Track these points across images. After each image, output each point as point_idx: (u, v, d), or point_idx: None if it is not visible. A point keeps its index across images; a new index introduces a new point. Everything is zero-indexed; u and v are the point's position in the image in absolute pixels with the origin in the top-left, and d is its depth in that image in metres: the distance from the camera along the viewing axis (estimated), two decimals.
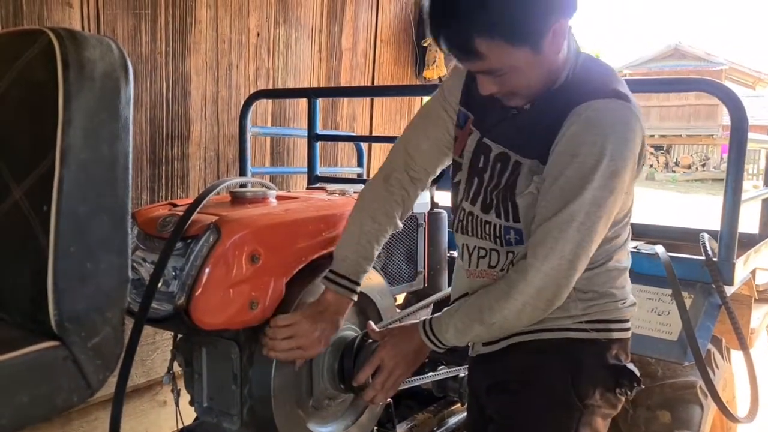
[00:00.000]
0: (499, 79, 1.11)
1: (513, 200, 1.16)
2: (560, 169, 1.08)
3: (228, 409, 1.41)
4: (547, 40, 1.07)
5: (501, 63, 1.08)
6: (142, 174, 2.48)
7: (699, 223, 2.29)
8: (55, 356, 0.98)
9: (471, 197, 1.25)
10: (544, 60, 1.09)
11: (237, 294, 1.28)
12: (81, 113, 0.97)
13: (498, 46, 1.05)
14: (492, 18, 1.03)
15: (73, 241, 0.98)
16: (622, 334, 1.24)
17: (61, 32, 0.98)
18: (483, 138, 1.24)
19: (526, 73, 1.10)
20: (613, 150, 1.05)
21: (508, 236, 1.18)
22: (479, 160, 1.24)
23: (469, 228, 1.26)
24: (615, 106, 1.07)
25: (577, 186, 1.05)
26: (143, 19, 2.40)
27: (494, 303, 1.12)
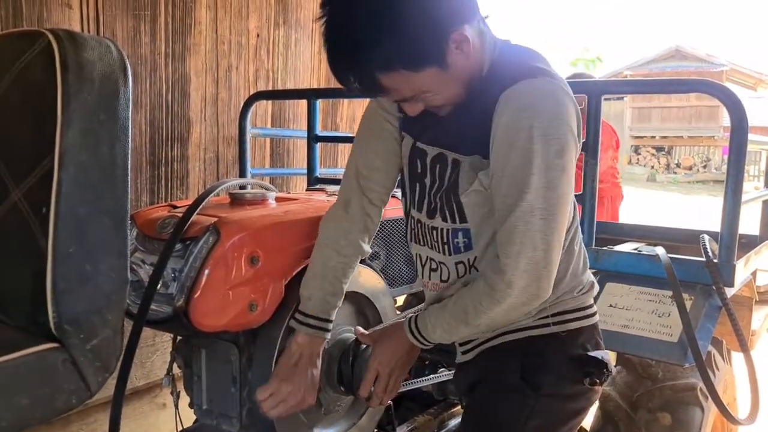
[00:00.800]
0: (418, 100, 1.11)
1: (457, 200, 1.14)
2: (504, 160, 1.05)
3: (227, 411, 1.41)
4: (449, 52, 1.05)
5: (412, 90, 1.07)
6: (141, 175, 2.47)
7: (700, 225, 2.29)
8: (55, 358, 0.98)
9: (416, 204, 1.23)
10: (456, 70, 1.07)
11: (236, 296, 1.28)
12: (80, 114, 0.97)
13: (401, 76, 1.04)
14: (387, 52, 1.01)
15: (72, 242, 0.98)
16: (583, 322, 1.22)
17: (60, 33, 0.99)
18: (416, 143, 1.22)
19: (442, 88, 1.09)
20: (549, 128, 1.03)
21: (456, 240, 1.16)
22: (416, 166, 1.22)
23: (420, 236, 1.24)
24: (539, 84, 1.05)
25: (525, 174, 1.03)
26: (143, 21, 2.40)
27: (478, 304, 1.11)
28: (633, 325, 1.67)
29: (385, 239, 1.65)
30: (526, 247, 1.04)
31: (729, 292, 1.67)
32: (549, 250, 1.05)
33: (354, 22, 1.02)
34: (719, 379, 1.85)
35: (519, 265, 1.05)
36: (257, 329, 1.36)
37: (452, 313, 1.15)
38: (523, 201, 1.03)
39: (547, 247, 1.05)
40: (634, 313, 1.69)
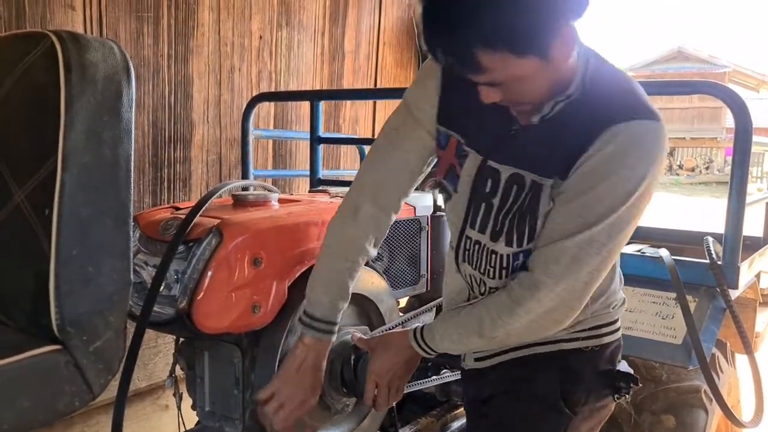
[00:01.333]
0: (503, 89, 1.01)
1: (532, 223, 1.08)
2: (588, 185, 1.00)
3: (230, 413, 1.40)
4: (555, 46, 0.96)
5: (506, 74, 0.98)
6: (144, 177, 2.47)
7: (703, 227, 2.28)
8: (57, 360, 0.98)
9: (478, 225, 1.15)
10: (553, 67, 0.99)
11: (239, 298, 1.28)
12: (83, 116, 0.97)
13: (502, 58, 0.95)
14: (493, 27, 0.92)
15: (74, 244, 0.98)
16: (614, 336, 1.21)
17: (63, 35, 0.99)
18: (486, 161, 1.13)
19: (533, 82, 1.00)
20: (651, 174, 0.99)
21: (517, 263, 1.11)
22: (485, 185, 1.13)
23: (474, 258, 1.18)
24: (654, 127, 1.00)
25: (605, 207, 0.99)
26: (146, 22, 2.40)
27: (497, 317, 1.07)
28: (637, 327, 1.67)
29: (389, 241, 1.65)
30: (570, 273, 1.01)
31: (733, 294, 1.66)
32: (590, 284, 1.03)
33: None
34: (723, 382, 1.84)
35: (556, 288, 1.02)
36: (260, 331, 1.35)
37: (465, 323, 1.12)
38: (588, 230, 0.99)
39: (590, 281, 1.03)
40: (637, 315, 1.69)
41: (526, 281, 1.05)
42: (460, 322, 1.14)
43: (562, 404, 1.16)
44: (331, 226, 1.30)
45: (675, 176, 23.60)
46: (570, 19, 0.97)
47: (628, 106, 1.02)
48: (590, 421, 1.21)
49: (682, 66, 23.48)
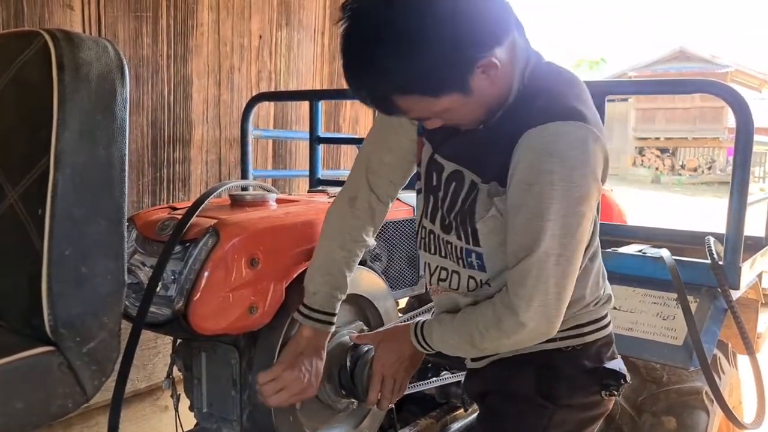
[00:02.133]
0: (437, 119, 1.05)
1: (473, 225, 1.10)
2: (521, 199, 1.01)
3: (227, 414, 1.40)
4: (474, 78, 0.98)
5: (429, 112, 1.02)
6: (143, 177, 2.47)
7: (705, 227, 2.27)
8: (50, 362, 0.97)
9: (429, 215, 1.19)
10: (480, 95, 1.00)
11: (236, 298, 1.27)
12: (76, 115, 0.97)
13: (419, 100, 0.99)
14: (405, 75, 0.95)
15: (68, 244, 0.97)
16: (599, 334, 1.21)
17: (56, 33, 0.98)
18: (434, 154, 1.17)
19: (463, 111, 1.03)
20: (573, 175, 0.98)
21: (470, 259, 1.13)
22: (432, 178, 1.18)
23: (431, 246, 1.21)
24: (569, 128, 0.99)
25: (542, 217, 0.99)
26: (145, 22, 2.39)
27: (485, 332, 1.09)
28: (637, 328, 1.66)
29: (387, 241, 1.64)
30: (538, 292, 1.01)
31: (734, 294, 1.65)
32: (561, 294, 1.03)
33: (374, 38, 0.95)
34: (725, 383, 1.83)
35: (530, 307, 1.02)
36: (257, 332, 1.35)
37: (459, 332, 1.14)
38: (539, 247, 1.00)
39: (560, 291, 1.03)
40: (638, 315, 1.68)
41: (506, 300, 1.06)
42: (455, 329, 1.15)
43: (539, 398, 1.17)
44: (328, 215, 1.33)
45: (677, 176, 23.57)
46: (487, 51, 0.97)
47: (546, 108, 1.01)
48: (580, 415, 1.21)
49: (684, 66, 23.46)
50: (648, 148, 24.99)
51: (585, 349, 1.19)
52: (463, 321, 1.13)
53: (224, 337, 1.36)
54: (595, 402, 1.20)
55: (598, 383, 1.18)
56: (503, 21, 1.00)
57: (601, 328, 1.21)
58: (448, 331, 1.16)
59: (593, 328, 1.20)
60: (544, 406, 1.17)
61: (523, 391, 1.19)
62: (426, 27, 0.92)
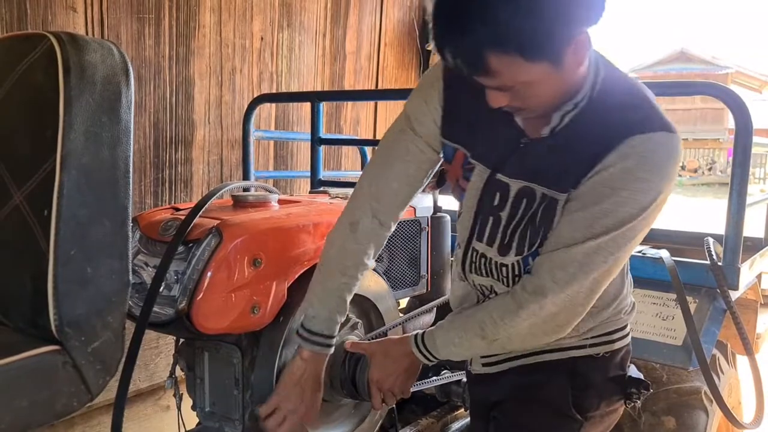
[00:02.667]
0: (512, 93, 0.99)
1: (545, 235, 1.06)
2: (599, 197, 0.98)
3: (230, 413, 1.40)
4: (568, 53, 0.94)
5: (515, 79, 0.95)
6: (145, 178, 2.48)
7: (705, 228, 2.28)
8: (55, 361, 0.98)
9: (486, 238, 1.13)
10: (565, 74, 0.97)
11: (239, 298, 1.28)
12: (82, 117, 0.97)
13: (513, 62, 0.92)
14: (506, 30, 0.89)
15: (73, 245, 0.98)
16: (624, 341, 1.21)
17: (62, 36, 0.99)
18: (495, 174, 1.11)
19: (543, 88, 0.98)
20: (663, 187, 0.99)
21: (527, 266, 1.10)
22: (493, 198, 1.11)
23: (482, 269, 1.16)
24: (671, 141, 0.99)
25: (615, 219, 0.97)
26: (147, 24, 2.40)
27: (499, 319, 1.06)
28: (637, 328, 1.67)
29: (389, 242, 1.64)
30: (576, 281, 1.00)
31: (734, 295, 1.66)
32: (595, 290, 1.02)
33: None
34: (724, 383, 1.84)
35: (562, 293, 1.01)
36: (260, 332, 1.35)
37: (466, 326, 1.12)
38: (596, 239, 0.98)
39: (595, 287, 1.02)
40: (638, 316, 1.68)
41: (530, 285, 1.04)
42: (461, 325, 1.13)
43: (573, 411, 1.15)
44: (329, 239, 1.29)
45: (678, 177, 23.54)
46: (584, 26, 0.94)
47: (644, 117, 0.99)
48: (600, 426, 1.20)
49: (684, 67, 23.46)
50: None
51: (612, 356, 1.18)
52: (472, 315, 1.11)
53: (227, 336, 1.36)
54: (614, 410, 1.20)
55: (623, 392, 1.18)
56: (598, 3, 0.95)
57: (626, 335, 1.22)
58: (451, 331, 1.14)
59: (621, 335, 1.20)
60: (574, 419, 1.15)
61: (555, 400, 1.16)
62: None
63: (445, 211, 1.85)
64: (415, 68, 4.08)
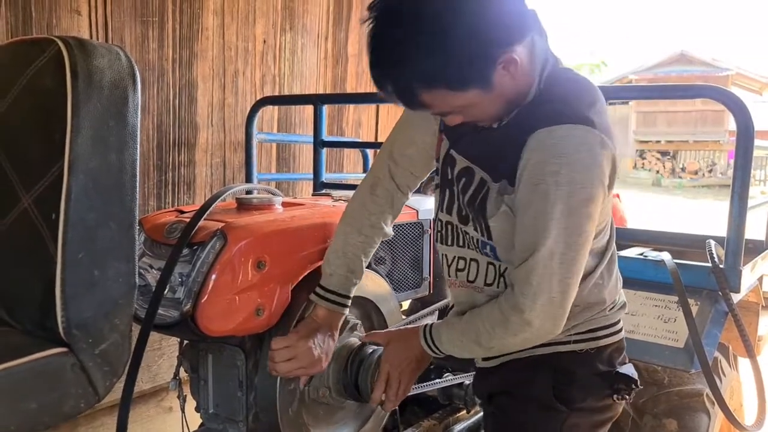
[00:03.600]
0: (457, 114, 1.08)
1: (486, 222, 1.13)
2: (528, 198, 1.04)
3: (233, 415, 1.41)
4: (496, 75, 1.01)
5: (450, 107, 1.06)
6: (149, 180, 2.49)
7: (706, 230, 2.29)
8: (63, 363, 0.99)
9: (446, 207, 1.22)
10: (501, 90, 1.04)
11: (243, 301, 1.29)
12: (89, 121, 0.98)
13: (442, 94, 1.02)
14: (430, 67, 0.98)
15: (81, 248, 0.99)
16: (612, 338, 1.22)
17: (70, 41, 1.00)
18: (450, 149, 1.21)
19: (484, 107, 1.06)
20: (579, 177, 1.01)
21: (485, 250, 1.16)
22: (447, 171, 1.21)
23: (448, 237, 1.24)
24: (578, 132, 1.02)
25: (546, 218, 1.01)
26: (151, 27, 2.41)
27: (491, 330, 1.11)
28: (639, 331, 1.67)
29: (391, 244, 1.66)
30: (542, 291, 1.04)
31: (735, 297, 1.67)
32: (566, 292, 1.05)
33: (401, 35, 0.98)
34: (725, 385, 1.84)
35: (536, 305, 1.04)
36: (264, 334, 1.36)
37: (466, 332, 1.16)
38: (543, 245, 1.02)
39: (565, 289, 1.05)
40: (639, 318, 1.69)
41: (511, 300, 1.07)
42: (462, 329, 1.17)
43: (556, 402, 1.18)
44: (351, 199, 1.38)
45: (678, 179, 23.55)
46: (509, 47, 1.00)
47: (555, 112, 1.04)
48: (591, 418, 1.22)
49: (685, 69, 23.45)
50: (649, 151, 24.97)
51: (598, 352, 1.20)
52: (470, 321, 1.15)
53: (231, 338, 1.37)
54: (606, 406, 1.22)
55: (610, 387, 1.20)
56: (522, 19, 1.03)
57: (615, 333, 1.23)
58: (455, 333, 1.18)
59: (607, 333, 1.22)
60: (558, 410, 1.18)
61: (538, 394, 1.19)
62: (451, 22, 0.96)
63: None
64: None
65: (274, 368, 1.30)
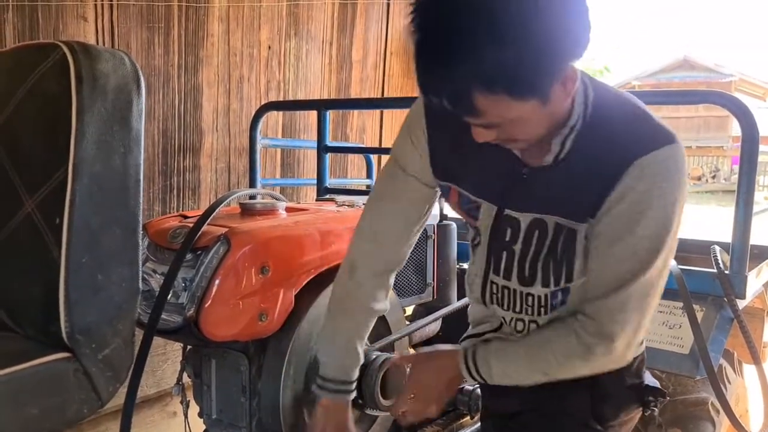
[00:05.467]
0: (498, 129, 0.96)
1: (570, 267, 1.05)
2: (627, 227, 0.97)
3: (237, 421, 1.41)
4: (556, 88, 0.91)
5: (503, 117, 0.92)
6: (153, 185, 2.49)
7: (710, 235, 2.28)
8: (66, 368, 0.99)
9: (503, 271, 1.12)
10: (554, 107, 0.94)
11: (246, 306, 1.29)
12: (94, 126, 0.99)
13: (500, 101, 0.88)
14: (492, 69, 0.85)
15: (84, 253, 0.99)
16: (639, 349, 1.20)
17: (74, 46, 1.00)
18: (504, 210, 1.09)
19: (531, 124, 0.95)
20: (681, 196, 0.98)
21: (555, 300, 1.09)
22: (504, 234, 1.09)
23: (505, 302, 1.15)
24: (675, 152, 0.97)
25: (652, 243, 0.97)
26: (156, 33, 2.42)
27: (564, 360, 1.05)
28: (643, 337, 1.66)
29: None
30: (634, 317, 1.01)
31: (741, 303, 1.66)
32: (649, 315, 1.03)
33: (468, 23, 0.83)
34: (731, 392, 1.83)
35: (626, 333, 1.01)
36: (267, 339, 1.36)
37: (528, 363, 1.09)
38: (645, 275, 0.98)
39: (648, 314, 1.03)
40: None
41: (593, 329, 1.01)
42: (520, 360, 1.10)
43: (593, 421, 1.15)
44: (333, 286, 1.27)
45: None
46: (571, 61, 0.91)
47: (647, 135, 0.98)
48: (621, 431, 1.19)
49: (688, 75, 23.43)
50: None
51: (629, 365, 1.16)
52: (535, 353, 1.08)
53: (234, 343, 1.37)
54: (632, 418, 1.20)
55: (640, 400, 1.17)
56: (587, 33, 0.91)
57: (641, 343, 1.20)
58: (510, 364, 1.10)
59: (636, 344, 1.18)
60: (595, 429, 1.15)
61: (576, 412, 1.15)
62: (526, 21, 0.83)
63: (450, 219, 1.85)
64: None
65: None
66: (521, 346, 1.10)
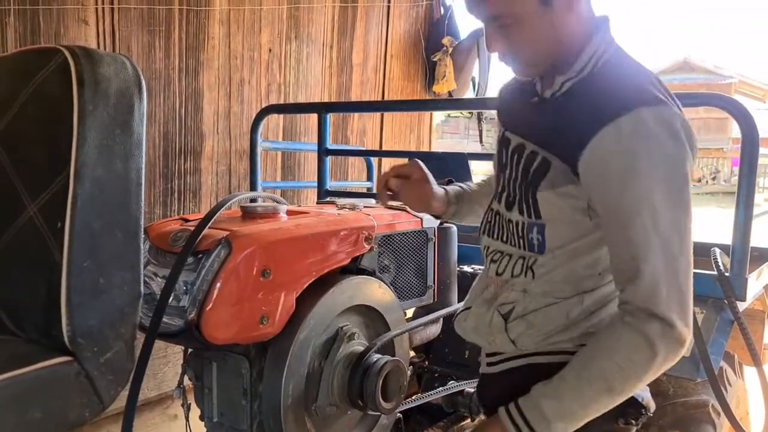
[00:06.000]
0: (504, 32, 1.06)
1: (534, 196, 1.07)
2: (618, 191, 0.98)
3: (238, 424, 1.41)
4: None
5: (506, 7, 1.03)
6: (154, 188, 2.50)
7: (710, 237, 2.28)
8: (68, 371, 0.99)
9: (498, 196, 1.20)
10: (553, 17, 1.03)
11: (247, 309, 1.29)
12: (95, 130, 0.99)
13: None
14: None
15: (86, 256, 0.99)
16: None
17: (76, 50, 1.00)
18: (505, 132, 1.19)
19: (532, 28, 1.04)
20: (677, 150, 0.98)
21: (531, 235, 1.09)
22: (502, 156, 1.18)
23: (495, 230, 1.19)
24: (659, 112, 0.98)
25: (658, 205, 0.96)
26: (157, 36, 2.43)
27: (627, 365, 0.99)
28: None
29: (395, 252, 1.66)
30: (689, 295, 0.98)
31: (741, 305, 1.66)
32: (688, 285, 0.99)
33: None
34: (731, 394, 1.83)
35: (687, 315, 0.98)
36: (268, 342, 1.36)
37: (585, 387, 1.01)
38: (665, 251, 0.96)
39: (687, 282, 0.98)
40: None
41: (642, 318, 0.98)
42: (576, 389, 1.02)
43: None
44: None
45: None
46: None
47: (632, 94, 1.00)
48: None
49: (687, 77, 23.42)
50: None
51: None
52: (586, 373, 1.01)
53: (235, 347, 1.37)
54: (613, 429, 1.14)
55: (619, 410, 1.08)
56: None
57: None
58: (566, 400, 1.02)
59: None
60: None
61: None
62: None
63: (450, 223, 1.85)
64: (420, 79, 4.10)
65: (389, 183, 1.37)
66: (567, 370, 1.04)
